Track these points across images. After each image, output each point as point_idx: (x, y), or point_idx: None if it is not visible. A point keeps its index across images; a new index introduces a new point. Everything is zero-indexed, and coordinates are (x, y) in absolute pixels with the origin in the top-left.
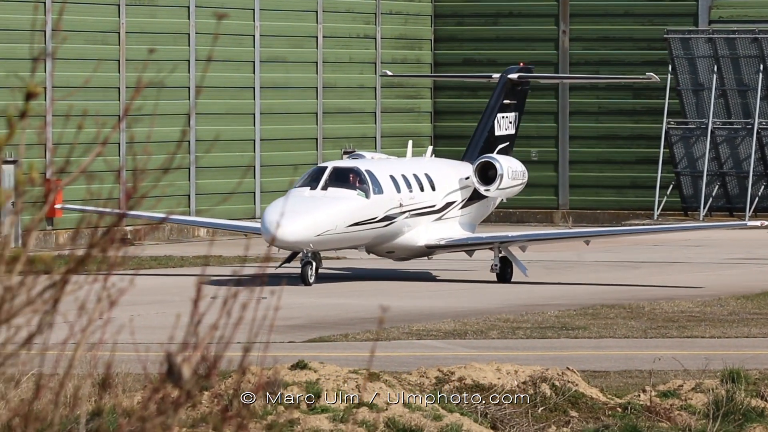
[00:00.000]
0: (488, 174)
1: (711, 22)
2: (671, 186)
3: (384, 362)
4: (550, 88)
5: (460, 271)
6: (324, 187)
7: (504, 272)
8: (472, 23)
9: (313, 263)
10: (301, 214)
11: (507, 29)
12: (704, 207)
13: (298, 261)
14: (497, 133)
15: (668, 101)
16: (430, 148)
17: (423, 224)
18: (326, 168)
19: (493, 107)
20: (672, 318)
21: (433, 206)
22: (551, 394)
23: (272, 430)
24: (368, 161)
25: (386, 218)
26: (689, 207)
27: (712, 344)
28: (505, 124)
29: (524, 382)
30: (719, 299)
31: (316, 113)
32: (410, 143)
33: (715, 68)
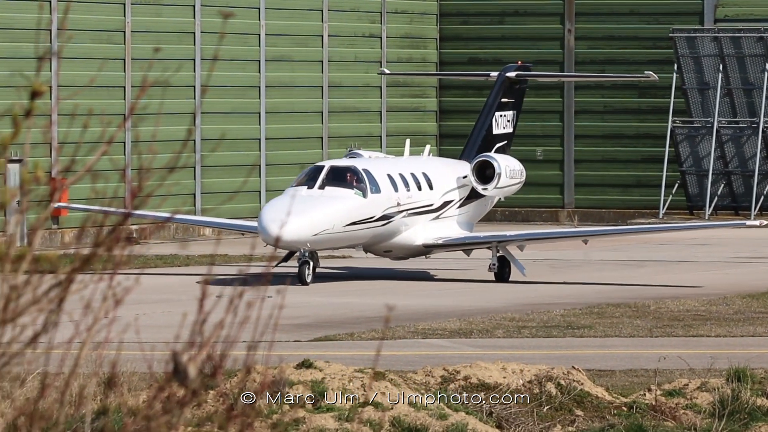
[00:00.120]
0: (486, 173)
1: (716, 21)
2: (676, 185)
3: (389, 361)
4: (555, 87)
5: (458, 271)
6: (321, 186)
7: (502, 272)
8: (478, 22)
9: (310, 263)
10: (298, 214)
11: (512, 28)
12: (710, 206)
13: (295, 260)
14: (495, 132)
15: (674, 100)
16: (428, 147)
17: (420, 223)
18: (323, 167)
19: (491, 106)
20: (677, 317)
21: (431, 205)
22: (556, 393)
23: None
24: (366, 160)
25: (384, 217)
26: (695, 206)
27: (718, 343)
28: (503, 123)
29: (530, 381)
30: (725, 298)
31: (322, 112)
32: (407, 142)
33: (721, 67)
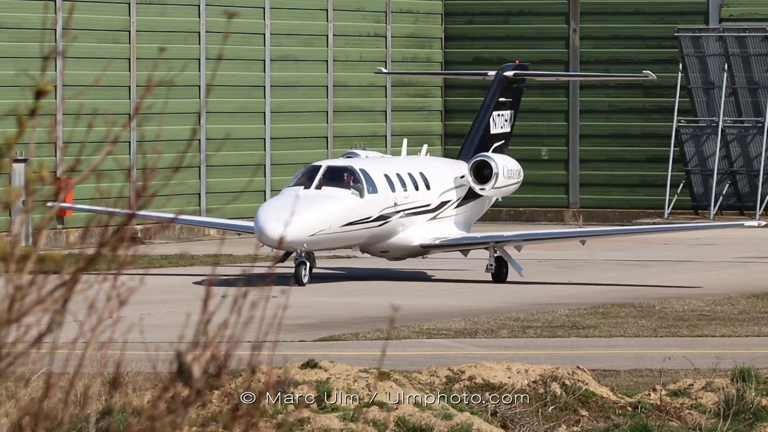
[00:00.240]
0: (483, 173)
1: (721, 21)
2: (681, 184)
3: (394, 361)
4: (560, 87)
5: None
6: (318, 186)
7: (499, 272)
8: (483, 22)
9: (307, 263)
10: (295, 214)
11: (517, 28)
12: (714, 205)
13: (292, 260)
14: (493, 132)
15: (679, 100)
16: (425, 147)
17: (418, 224)
18: (320, 167)
19: (489, 105)
20: (682, 317)
21: (428, 205)
22: (561, 393)
23: (282, 429)
24: (363, 160)
25: (381, 218)
26: (699, 205)
27: (723, 343)
28: (501, 123)
29: (534, 381)
30: (729, 298)
31: (327, 112)
32: (405, 142)
33: (726, 66)
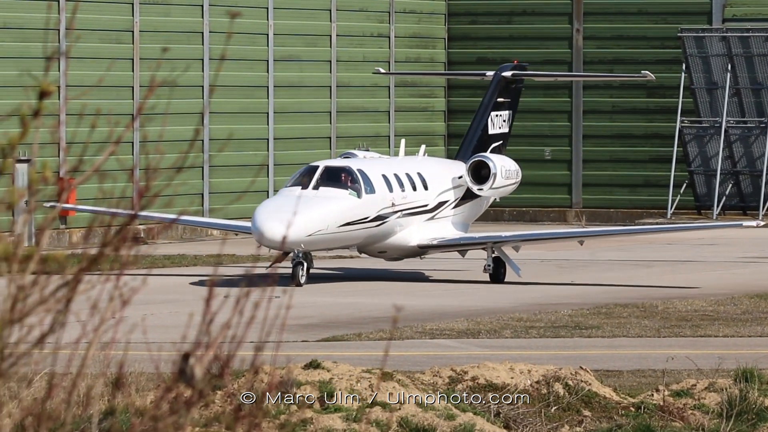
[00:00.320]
0: (481, 173)
1: (725, 21)
2: (685, 185)
3: (397, 361)
4: (564, 87)
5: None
6: (315, 187)
7: (497, 272)
8: (486, 22)
9: (304, 264)
10: (293, 214)
11: (521, 28)
12: (718, 206)
13: (289, 261)
14: (491, 132)
15: (682, 100)
16: (423, 147)
17: (415, 224)
18: (317, 167)
19: (487, 105)
20: (685, 317)
21: (426, 206)
22: (564, 394)
23: (285, 430)
24: (360, 160)
25: (378, 218)
26: (703, 206)
27: (726, 343)
28: (499, 123)
29: (537, 382)
30: (732, 298)
31: (330, 112)
32: (402, 142)
33: (729, 67)
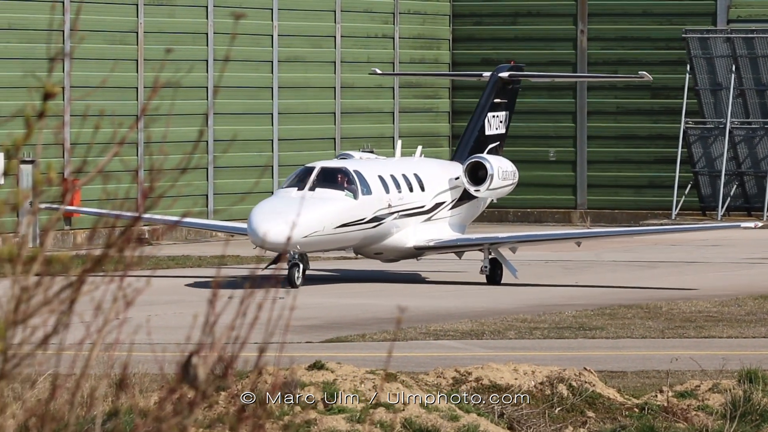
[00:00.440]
0: (478, 174)
1: (729, 22)
2: (689, 186)
3: (401, 362)
4: (568, 88)
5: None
6: (311, 188)
7: (494, 274)
8: (491, 23)
9: (300, 265)
10: (288, 215)
11: (525, 29)
12: (722, 207)
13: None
14: (488, 133)
15: (686, 101)
16: (420, 148)
17: (412, 225)
18: (314, 168)
19: (484, 106)
20: (689, 318)
21: (422, 207)
22: (568, 395)
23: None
24: (356, 161)
25: (375, 219)
26: (707, 207)
27: (730, 344)
28: (496, 124)
29: (541, 383)
30: (736, 299)
31: (334, 113)
32: (399, 143)
33: (734, 68)
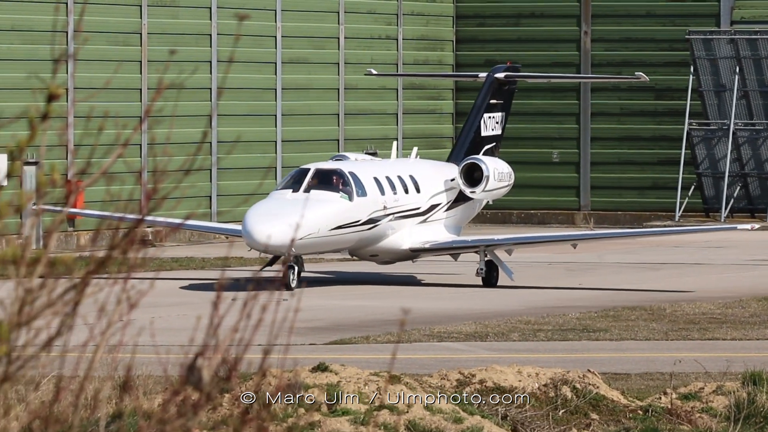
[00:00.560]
0: (474, 176)
1: (733, 23)
2: (693, 187)
3: (405, 364)
4: (572, 90)
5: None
6: (306, 190)
7: (490, 276)
8: (494, 24)
9: (295, 267)
10: (283, 217)
11: (529, 30)
12: (725, 208)
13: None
14: (483, 134)
15: (690, 102)
16: (415, 150)
17: (407, 227)
18: (309, 170)
19: (480, 107)
20: (693, 320)
21: (418, 209)
22: (572, 397)
23: None
24: (352, 163)
25: (370, 221)
26: (711, 208)
27: (734, 346)
28: (492, 125)
29: (545, 385)
30: (740, 301)
31: (338, 115)
32: (395, 144)
33: (737, 69)
